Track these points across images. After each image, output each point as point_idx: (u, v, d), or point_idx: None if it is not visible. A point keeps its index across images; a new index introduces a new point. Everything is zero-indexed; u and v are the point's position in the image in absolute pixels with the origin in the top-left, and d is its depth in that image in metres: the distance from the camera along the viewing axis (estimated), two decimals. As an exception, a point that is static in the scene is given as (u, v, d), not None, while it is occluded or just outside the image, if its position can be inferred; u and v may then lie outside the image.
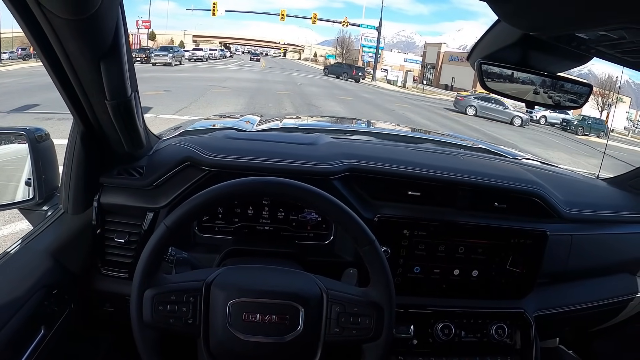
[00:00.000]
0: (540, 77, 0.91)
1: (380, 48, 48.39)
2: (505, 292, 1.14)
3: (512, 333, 1.13)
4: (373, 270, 0.77)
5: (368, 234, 0.76)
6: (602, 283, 1.32)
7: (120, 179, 1.04)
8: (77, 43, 0.72)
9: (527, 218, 1.15)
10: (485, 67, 0.87)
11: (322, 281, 0.79)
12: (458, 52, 58.02)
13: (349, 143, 1.30)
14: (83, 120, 0.93)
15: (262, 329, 0.73)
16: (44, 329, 0.85)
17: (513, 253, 1.11)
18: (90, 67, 0.77)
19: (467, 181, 1.11)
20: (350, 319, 0.75)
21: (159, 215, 1.04)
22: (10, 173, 1.11)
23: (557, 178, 1.39)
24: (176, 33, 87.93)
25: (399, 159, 1.14)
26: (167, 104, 10.13)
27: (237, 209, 1.10)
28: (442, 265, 1.10)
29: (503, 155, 1.60)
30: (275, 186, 0.77)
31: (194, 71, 24.56)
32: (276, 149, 1.14)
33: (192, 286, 0.75)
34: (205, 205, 0.76)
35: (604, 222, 1.30)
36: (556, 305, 1.23)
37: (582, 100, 0.98)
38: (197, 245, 1.09)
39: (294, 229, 1.12)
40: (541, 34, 0.77)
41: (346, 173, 1.08)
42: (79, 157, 0.98)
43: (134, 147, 0.99)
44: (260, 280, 0.79)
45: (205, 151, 1.07)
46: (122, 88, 0.82)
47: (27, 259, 0.94)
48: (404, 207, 1.10)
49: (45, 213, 1.09)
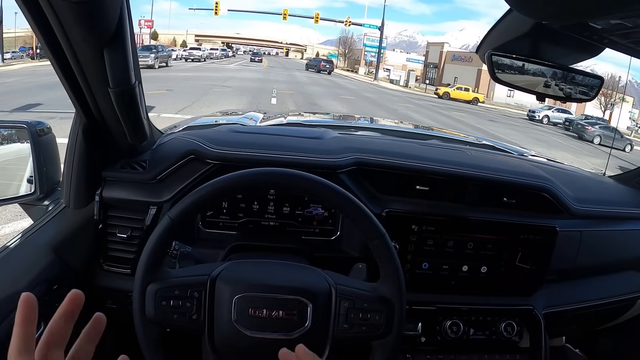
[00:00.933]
0: (551, 69, 0.90)
1: (382, 48, 48.35)
2: (514, 289, 1.12)
3: (521, 330, 1.12)
4: (383, 264, 0.75)
5: (379, 227, 0.74)
6: (611, 280, 1.30)
7: (123, 173, 1.02)
8: (80, 29, 0.70)
9: (536, 214, 1.13)
10: (496, 59, 0.86)
11: (331, 276, 0.77)
12: (460, 51, 57.98)
13: (356, 137, 1.29)
14: (85, 112, 0.91)
15: (269, 325, 0.71)
16: (43, 324, 0.84)
17: (522, 249, 1.09)
18: (94, 54, 0.75)
19: (476, 176, 1.10)
20: (360, 315, 0.73)
21: (162, 210, 1.02)
22: (13, 172, 1.10)
23: (564, 174, 1.37)
24: (179, 33, 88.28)
25: (407, 154, 1.13)
26: (170, 103, 10.17)
27: (242, 204, 1.08)
28: (451, 261, 1.08)
29: (509, 151, 1.58)
30: (283, 177, 0.75)
31: (197, 71, 24.60)
32: (282, 142, 1.12)
33: (196, 281, 0.72)
34: (211, 196, 0.74)
35: (612, 218, 1.29)
36: (565, 302, 1.21)
37: (593, 92, 0.97)
38: (201, 240, 1.08)
39: (300, 224, 1.10)
40: (554, 23, 0.76)
41: (354, 167, 1.07)
42: (80, 150, 0.96)
43: (137, 139, 0.97)
44: (268, 274, 0.77)
45: (210, 144, 1.05)
46: (126, 76, 0.80)
47: (27, 253, 0.92)
48: (413, 202, 1.08)
49: (47, 208, 1.07)
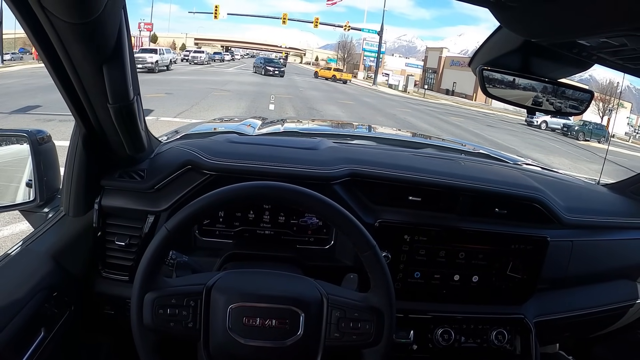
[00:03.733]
0: (541, 83, 0.92)
1: (381, 52, 48.49)
2: (505, 298, 1.14)
3: (512, 339, 1.13)
4: (374, 275, 0.77)
5: (369, 239, 0.77)
6: (603, 289, 1.31)
7: (122, 182, 1.04)
8: (80, 47, 0.72)
9: (527, 224, 1.15)
10: (487, 73, 0.87)
11: (323, 286, 0.79)
12: (459, 57, 58.19)
13: (350, 148, 1.30)
14: (85, 123, 0.93)
15: (263, 334, 0.73)
16: (43, 331, 0.85)
17: (513, 259, 1.11)
18: (93, 70, 0.77)
19: (468, 187, 1.11)
20: (351, 324, 0.75)
21: (159, 219, 1.04)
22: (11, 174, 1.10)
23: (557, 184, 1.39)
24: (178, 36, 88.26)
25: (400, 164, 1.14)
26: (168, 106, 10.16)
27: (238, 213, 1.10)
28: (443, 271, 1.09)
29: (504, 160, 1.60)
30: (275, 191, 0.77)
31: (196, 74, 24.63)
32: (277, 153, 1.14)
33: (192, 290, 0.75)
34: (206, 209, 0.76)
35: (604, 228, 1.30)
36: (556, 311, 1.23)
37: (583, 106, 0.98)
38: (197, 248, 1.09)
39: (295, 233, 1.12)
40: (542, 41, 0.78)
41: (347, 178, 1.08)
42: (80, 159, 0.98)
43: (135, 150, 0.99)
44: (261, 284, 0.79)
45: (207, 155, 1.07)
46: (124, 92, 0.82)
47: (27, 260, 0.94)
48: (405, 212, 1.10)
49: (46, 215, 1.09)
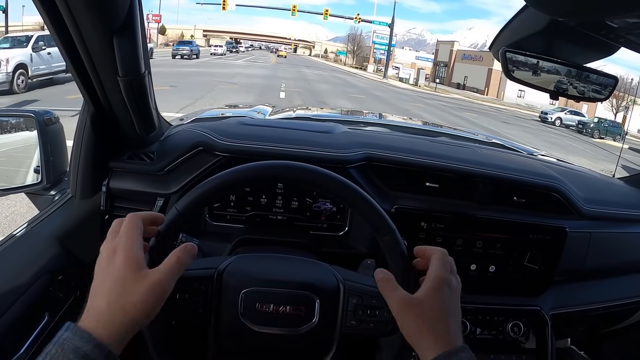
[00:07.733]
0: (565, 67, 0.89)
1: (392, 45, 48.09)
2: (522, 289, 1.11)
3: (527, 331, 1.10)
4: (393, 260, 0.73)
5: (389, 222, 0.72)
6: (619, 283, 1.28)
7: (131, 164, 1.02)
8: (89, 15, 0.69)
9: (546, 214, 1.12)
10: (510, 55, 0.84)
11: (339, 272, 0.75)
12: (471, 50, 57.65)
13: (366, 133, 1.28)
14: (93, 101, 0.90)
15: (276, 320, 0.70)
16: (48, 315, 0.84)
17: (531, 249, 1.07)
18: (103, 42, 0.74)
19: (487, 174, 1.08)
20: (368, 312, 0.71)
21: (169, 202, 1.02)
22: (20, 160, 1.10)
23: (574, 175, 1.36)
24: (187, 28, 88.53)
25: (417, 150, 1.11)
26: (172, 100, 9.86)
27: (250, 198, 1.08)
28: (459, 260, 1.05)
29: (519, 150, 1.57)
30: (293, 170, 0.73)
31: (203, 66, 24.56)
32: (291, 135, 1.11)
33: (203, 274, 0.71)
34: (219, 189, 0.71)
35: (622, 220, 1.27)
36: (573, 304, 1.20)
37: (606, 92, 0.96)
38: (208, 233, 1.07)
39: (308, 219, 1.09)
40: (570, 20, 0.74)
41: (364, 162, 1.05)
42: (88, 140, 0.96)
43: (145, 129, 0.96)
44: (275, 269, 0.76)
45: (219, 136, 1.04)
46: (135, 64, 0.80)
47: (32, 243, 0.92)
48: (422, 198, 1.07)
49: (53, 198, 1.07)
